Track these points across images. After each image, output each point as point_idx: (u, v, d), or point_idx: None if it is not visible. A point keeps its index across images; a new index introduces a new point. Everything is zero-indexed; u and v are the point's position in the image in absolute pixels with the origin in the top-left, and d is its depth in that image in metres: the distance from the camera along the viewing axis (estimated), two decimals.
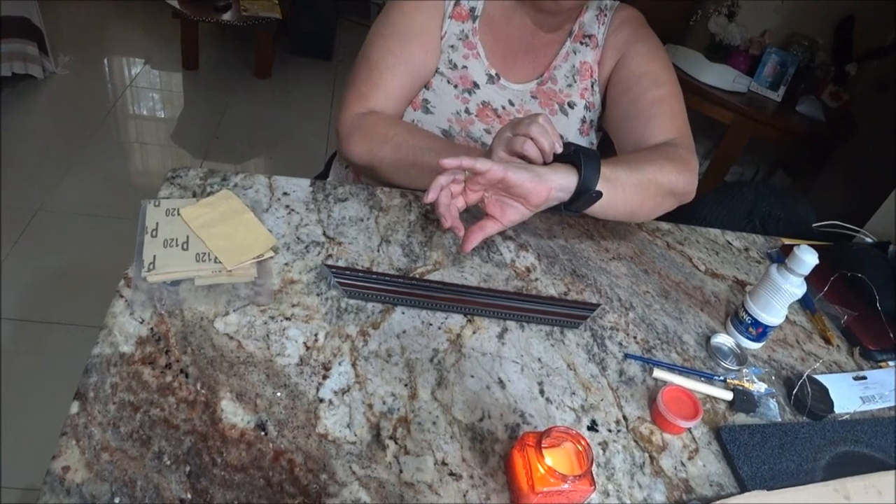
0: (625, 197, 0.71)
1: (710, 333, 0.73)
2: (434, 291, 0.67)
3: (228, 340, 0.58)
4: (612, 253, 0.83)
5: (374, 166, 0.82)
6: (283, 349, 0.59)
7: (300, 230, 0.73)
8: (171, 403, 0.52)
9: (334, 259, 0.70)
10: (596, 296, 0.74)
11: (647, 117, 0.82)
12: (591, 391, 0.62)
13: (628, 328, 0.71)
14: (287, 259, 0.68)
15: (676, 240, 0.89)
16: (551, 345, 0.66)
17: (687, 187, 0.78)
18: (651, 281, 0.79)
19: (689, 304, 0.77)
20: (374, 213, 0.78)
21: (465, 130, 0.87)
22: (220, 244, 0.66)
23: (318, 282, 0.66)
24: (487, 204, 0.67)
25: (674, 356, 0.69)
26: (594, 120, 0.92)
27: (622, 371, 0.66)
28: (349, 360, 0.59)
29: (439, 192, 0.64)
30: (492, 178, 0.63)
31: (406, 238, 0.76)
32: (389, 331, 0.63)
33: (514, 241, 0.80)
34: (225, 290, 0.63)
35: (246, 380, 0.55)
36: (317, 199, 0.78)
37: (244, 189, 0.76)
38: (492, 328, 0.66)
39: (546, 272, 0.76)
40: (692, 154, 0.81)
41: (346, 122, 0.83)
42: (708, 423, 0.62)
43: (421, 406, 0.57)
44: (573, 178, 0.65)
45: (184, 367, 0.55)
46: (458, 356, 0.62)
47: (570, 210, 0.69)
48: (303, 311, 0.63)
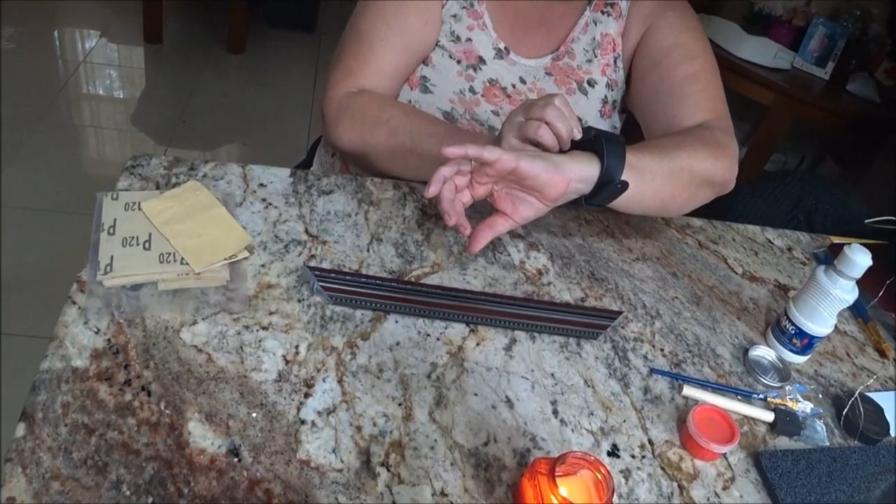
0: (654, 188, 0.71)
1: (747, 345, 0.73)
2: (432, 297, 0.67)
3: (196, 353, 0.58)
4: (635, 253, 0.82)
5: (366, 154, 0.82)
6: (260, 363, 0.58)
7: (279, 227, 0.73)
8: (130, 425, 0.52)
9: (318, 260, 0.70)
10: (617, 302, 0.74)
11: (678, 96, 0.82)
12: (612, 411, 0.62)
13: (654, 339, 0.71)
14: (264, 260, 0.68)
15: (709, 238, 0.89)
16: (566, 358, 0.66)
17: (725, 175, 0.78)
18: (680, 285, 0.79)
19: (723, 312, 0.77)
20: (364, 208, 0.78)
21: (470, 112, 0.87)
22: (188, 243, 0.66)
23: (299, 286, 0.66)
24: (497, 198, 0.67)
25: (706, 371, 0.69)
26: (617, 100, 0.92)
27: (647, 388, 0.66)
28: (335, 375, 0.59)
29: (442, 185, 0.63)
30: (502, 168, 0.63)
31: (400, 236, 0.75)
32: (381, 342, 0.63)
33: (523, 239, 0.80)
34: (192, 295, 0.62)
35: (217, 398, 0.55)
36: (298, 191, 0.78)
37: (215, 180, 0.76)
38: (498, 339, 0.66)
39: (560, 275, 0.76)
40: (731, 137, 0.81)
41: (332, 104, 0.83)
42: (746, 448, 0.62)
43: (417, 428, 0.57)
44: (595, 167, 0.65)
45: (145, 383, 0.55)
46: (459, 371, 0.62)
47: (592, 204, 0.69)
48: (282, 319, 0.63)
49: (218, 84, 2.57)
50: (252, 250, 0.69)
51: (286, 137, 2.36)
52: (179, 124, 2.30)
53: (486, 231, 0.67)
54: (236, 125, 2.38)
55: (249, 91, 2.58)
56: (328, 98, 0.83)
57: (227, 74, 2.65)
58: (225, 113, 2.42)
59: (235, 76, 2.66)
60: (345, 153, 0.90)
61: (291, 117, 2.47)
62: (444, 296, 0.68)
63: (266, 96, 2.56)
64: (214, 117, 2.38)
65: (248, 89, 2.60)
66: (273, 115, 2.47)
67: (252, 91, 2.58)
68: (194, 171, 0.77)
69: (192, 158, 0.78)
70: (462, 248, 0.76)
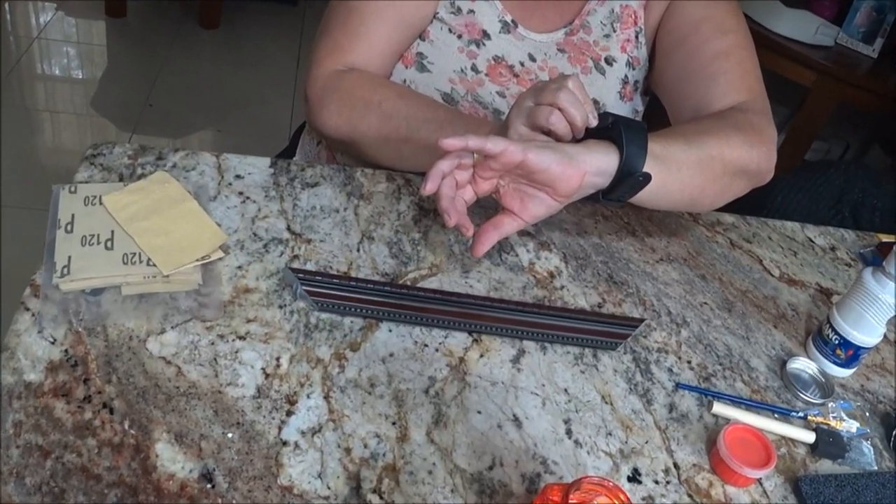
0: (681, 180, 0.71)
1: (785, 357, 0.73)
2: (430, 303, 0.67)
3: (165, 366, 0.58)
4: (659, 253, 0.82)
5: (355, 141, 0.82)
6: (236, 377, 0.58)
7: (258, 224, 0.73)
8: (91, 447, 0.52)
9: (302, 261, 0.70)
10: (639, 308, 0.74)
11: (708, 75, 0.82)
12: (633, 431, 0.62)
13: (680, 350, 0.71)
14: (241, 261, 0.68)
15: (743, 236, 0.89)
16: (581, 371, 0.66)
17: (762, 165, 0.78)
18: (710, 289, 0.79)
19: (758, 320, 0.77)
20: (354, 202, 0.78)
21: (473, 94, 0.87)
22: (155, 242, 0.66)
23: (280, 290, 0.66)
24: (503, 195, 0.67)
25: (739, 386, 0.69)
26: (639, 80, 0.92)
27: (673, 405, 0.66)
28: (321, 391, 0.59)
29: (440, 181, 0.63)
30: (508, 161, 0.63)
31: (394, 234, 0.76)
32: (373, 353, 0.63)
33: (533, 238, 0.80)
34: (160, 301, 0.62)
35: (188, 417, 0.55)
36: (279, 183, 0.78)
37: (186, 171, 0.76)
38: (504, 350, 0.66)
39: (574, 278, 0.76)
40: (768, 121, 0.81)
41: (317, 84, 0.83)
42: (783, 473, 0.62)
43: (413, 450, 0.57)
44: (613, 157, 0.65)
45: (107, 400, 0.55)
46: (461, 386, 0.62)
47: (610, 200, 0.69)
48: (261, 328, 0.63)
49: (189, 63, 2.57)
50: (227, 250, 0.69)
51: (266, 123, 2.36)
52: (146, 108, 2.30)
53: (491, 232, 0.67)
54: (210, 109, 2.38)
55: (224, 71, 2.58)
56: (312, 78, 0.83)
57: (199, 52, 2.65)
58: (197, 95, 2.42)
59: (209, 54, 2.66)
60: (331, 140, 0.89)
61: (272, 100, 2.47)
62: (444, 301, 0.68)
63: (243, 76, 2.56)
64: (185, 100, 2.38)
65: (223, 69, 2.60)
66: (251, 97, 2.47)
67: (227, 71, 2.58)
68: (162, 161, 0.77)
69: (159, 146, 0.78)
70: (464, 248, 0.76)
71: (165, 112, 2.31)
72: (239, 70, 2.59)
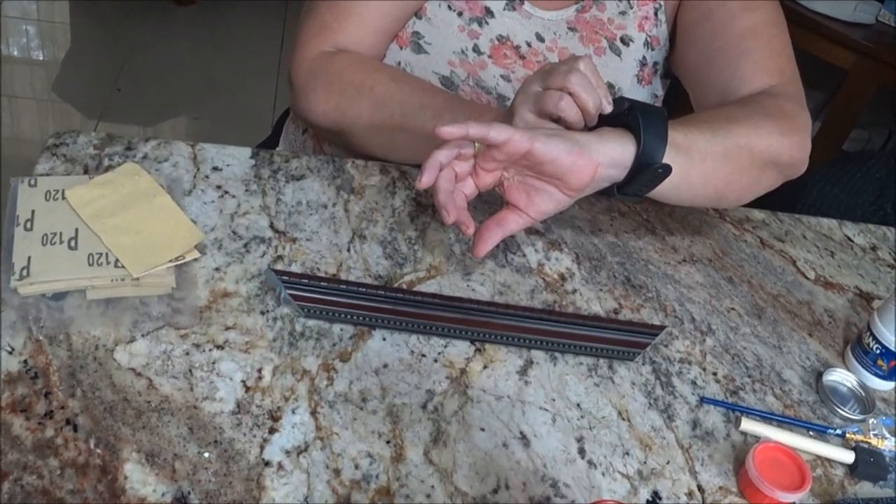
0: (705, 172, 0.71)
1: (821, 368, 0.73)
2: (428, 308, 0.67)
3: (135, 378, 0.58)
4: (682, 253, 0.82)
5: (344, 130, 0.82)
6: (213, 391, 0.58)
7: (238, 221, 0.73)
8: (52, 468, 0.52)
9: (286, 262, 0.70)
10: (659, 315, 0.75)
11: (735, 55, 0.82)
12: (653, 450, 0.62)
13: (705, 361, 0.71)
14: (219, 262, 0.68)
15: (774, 234, 0.89)
16: (595, 384, 0.66)
17: (794, 155, 0.78)
18: (738, 293, 0.79)
19: (791, 327, 0.77)
20: (344, 197, 0.78)
21: (474, 77, 0.87)
22: (123, 241, 0.65)
23: (262, 295, 0.66)
24: (508, 189, 0.67)
25: (770, 400, 0.69)
26: (659, 62, 0.92)
27: (697, 422, 0.66)
28: (307, 406, 0.59)
29: (438, 173, 0.63)
30: (514, 151, 0.63)
31: (388, 232, 0.75)
32: (365, 365, 0.63)
33: (542, 236, 0.80)
34: (130, 306, 0.62)
35: (160, 434, 0.55)
36: (261, 176, 0.78)
37: (158, 162, 0.76)
38: (511, 361, 0.66)
39: (588, 281, 0.76)
40: (802, 107, 0.81)
41: (302, 67, 0.82)
42: (819, 496, 0.62)
43: (410, 471, 0.57)
44: (629, 147, 0.65)
45: (71, 416, 0.55)
46: (462, 400, 0.62)
47: (626, 194, 0.69)
48: (241, 336, 0.63)
49: (161, 43, 2.57)
50: (204, 250, 0.69)
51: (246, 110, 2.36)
52: (113, 93, 2.30)
53: (494, 230, 0.67)
54: (184, 94, 2.38)
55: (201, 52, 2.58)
56: (297, 60, 0.83)
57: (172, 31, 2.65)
58: (170, 79, 2.42)
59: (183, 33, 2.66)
60: (318, 129, 0.89)
61: (253, 84, 2.47)
62: (444, 307, 0.68)
63: (221, 58, 2.56)
64: (157, 84, 2.38)
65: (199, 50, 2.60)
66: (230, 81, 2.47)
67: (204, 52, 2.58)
68: (132, 151, 0.77)
69: (129, 135, 0.78)
70: (465, 248, 0.76)
71: (135, 97, 2.31)
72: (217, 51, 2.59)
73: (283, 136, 1.05)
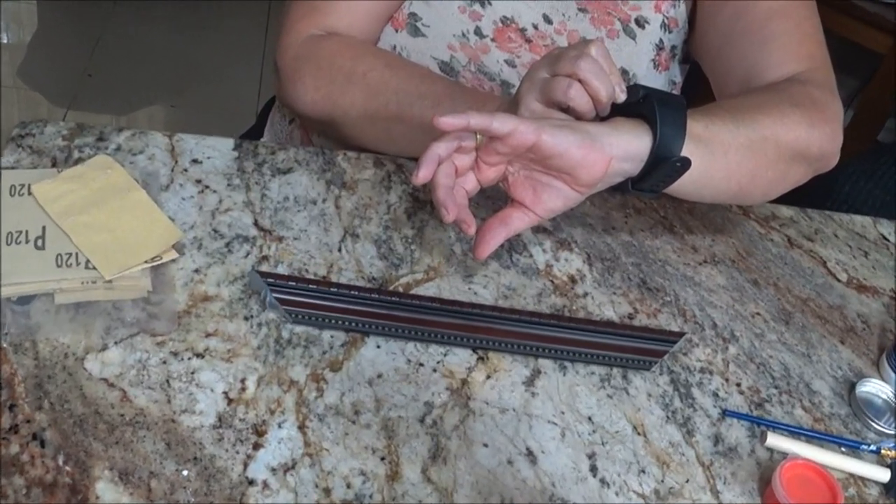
0: (727, 166, 0.71)
1: (854, 379, 0.73)
2: (426, 314, 0.67)
3: (107, 389, 0.58)
4: (702, 254, 0.82)
5: (335, 120, 0.82)
6: (193, 403, 0.58)
7: (219, 218, 0.72)
8: (17, 486, 0.52)
9: (272, 263, 0.70)
10: (678, 320, 0.74)
11: (760, 39, 0.82)
12: (671, 468, 0.62)
13: (728, 370, 0.71)
14: (199, 263, 0.68)
15: (803, 233, 0.89)
16: (608, 396, 0.66)
17: (825, 147, 0.78)
18: (764, 297, 0.79)
19: (822, 334, 0.77)
20: (335, 192, 0.78)
21: (476, 63, 0.87)
22: (95, 240, 0.65)
23: (246, 299, 0.66)
24: (512, 184, 0.67)
25: (799, 413, 0.69)
26: (677, 46, 0.92)
27: (719, 437, 0.65)
28: (295, 419, 0.59)
29: (436, 166, 0.63)
30: (518, 143, 0.62)
31: (383, 231, 0.75)
32: (357, 375, 0.63)
33: (550, 235, 0.80)
34: (102, 311, 0.62)
35: (134, 450, 0.55)
36: (245, 169, 0.78)
37: (132, 154, 0.76)
38: (516, 371, 0.66)
39: (601, 283, 0.76)
40: (833, 95, 0.81)
41: (289, 52, 0.82)
42: None
43: (406, 490, 0.57)
44: (644, 139, 0.65)
45: (38, 430, 0.55)
46: (463, 414, 0.62)
47: (642, 190, 0.68)
48: (223, 343, 0.63)
49: (136, 24, 2.57)
50: (182, 250, 0.68)
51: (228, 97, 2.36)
52: (84, 79, 2.30)
53: (497, 229, 0.67)
54: (161, 80, 2.37)
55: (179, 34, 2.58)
56: (284, 44, 0.83)
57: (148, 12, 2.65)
58: (146, 64, 2.42)
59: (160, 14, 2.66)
60: (307, 119, 0.89)
61: (235, 70, 2.46)
62: (443, 312, 0.68)
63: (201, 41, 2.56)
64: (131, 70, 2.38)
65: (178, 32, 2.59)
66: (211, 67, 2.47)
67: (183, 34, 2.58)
68: (104, 143, 0.76)
69: (101, 125, 0.78)
70: (467, 248, 0.76)
71: (108, 83, 2.30)
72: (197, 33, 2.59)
73: (268, 126, 1.05)
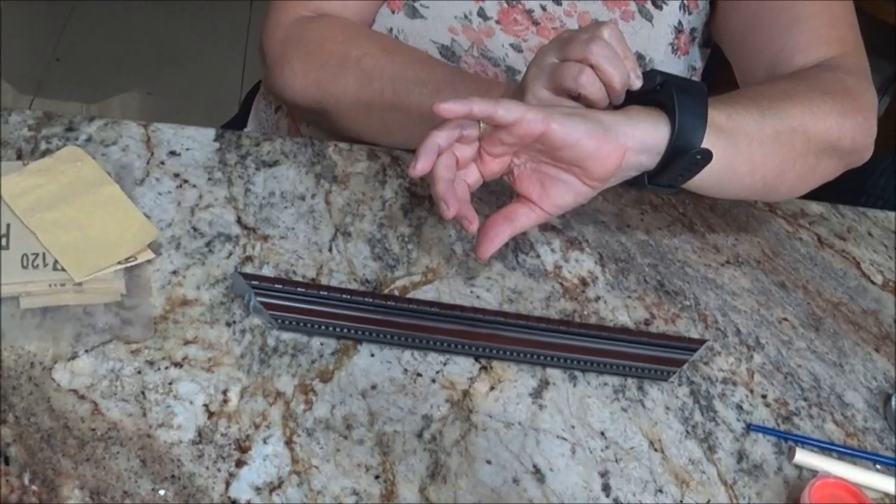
0: (752, 160, 0.71)
1: (890, 390, 0.73)
2: (424, 319, 0.67)
3: (77, 401, 0.58)
4: (724, 254, 0.82)
5: (326, 109, 0.82)
6: (170, 417, 0.58)
7: (199, 215, 0.72)
8: None
9: (257, 264, 0.70)
10: (698, 326, 0.74)
11: (787, 22, 0.83)
12: (691, 487, 0.62)
13: (753, 381, 0.71)
14: (177, 264, 0.68)
15: (834, 231, 0.89)
16: (623, 409, 0.66)
17: (857, 139, 0.78)
18: (792, 301, 0.79)
19: (855, 341, 0.77)
20: (325, 187, 0.78)
21: (479, 47, 0.87)
22: (64, 239, 0.65)
23: (228, 303, 0.66)
24: (518, 178, 0.67)
25: (830, 428, 0.69)
26: (697, 29, 0.92)
27: (743, 453, 0.65)
28: (281, 434, 0.59)
29: (435, 157, 0.63)
30: (525, 132, 0.62)
31: (377, 229, 0.75)
32: (349, 386, 0.63)
33: (559, 234, 0.80)
34: (72, 316, 0.62)
35: (106, 468, 0.55)
36: (227, 162, 0.78)
37: (104, 146, 0.76)
38: (522, 381, 0.66)
39: (614, 286, 0.76)
40: (866, 83, 0.81)
41: (277, 35, 0.83)
42: None
43: None
44: (662, 129, 0.65)
45: (2, 446, 0.54)
46: (465, 428, 0.62)
47: (659, 185, 0.68)
48: (203, 351, 0.62)
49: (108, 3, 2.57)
50: (159, 250, 0.68)
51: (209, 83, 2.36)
52: (52, 63, 2.30)
53: (502, 226, 0.66)
54: (136, 65, 2.37)
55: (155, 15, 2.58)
56: (271, 26, 0.83)
57: None
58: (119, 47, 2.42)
59: None
60: (295, 107, 0.89)
61: (217, 54, 2.47)
62: (443, 317, 0.68)
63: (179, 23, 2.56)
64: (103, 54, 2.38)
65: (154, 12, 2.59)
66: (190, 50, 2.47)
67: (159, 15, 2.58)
68: (74, 133, 0.76)
69: (70, 113, 0.78)
70: (469, 248, 0.76)
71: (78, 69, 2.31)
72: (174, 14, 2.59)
73: (252, 115, 1.05)
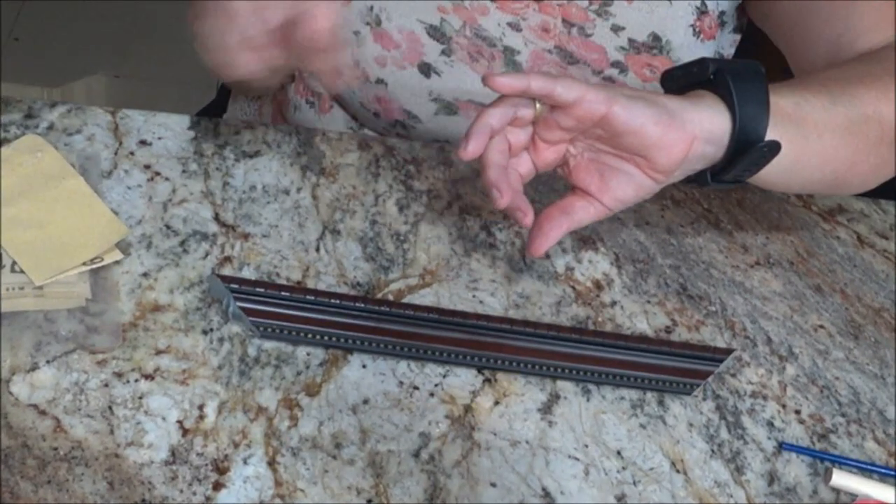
0: (823, 151, 0.70)
1: None
2: (422, 327, 0.67)
3: (38, 417, 0.58)
4: (753, 255, 0.82)
5: None
6: (140, 434, 0.58)
7: (172, 211, 0.73)
8: None
9: (236, 265, 0.70)
10: (725, 335, 0.75)
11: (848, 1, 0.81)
12: None
13: (785, 395, 0.71)
14: (148, 266, 0.68)
15: (875, 229, 0.89)
16: (641, 426, 0.66)
17: None
18: (828, 306, 0.79)
19: None
20: (311, 180, 0.78)
21: (472, 26, 0.86)
22: (22, 238, 0.65)
23: (204, 308, 0.66)
24: (575, 168, 0.66)
25: (870, 447, 0.69)
26: (727, 12, 0.91)
27: (774, 474, 0.66)
28: (263, 454, 0.59)
29: (487, 139, 0.61)
30: (586, 114, 0.61)
31: (370, 226, 0.76)
32: (339, 400, 0.63)
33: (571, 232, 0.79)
34: (31, 323, 0.62)
35: (70, 491, 0.55)
36: (203, 152, 0.78)
37: (68, 134, 0.76)
38: (530, 395, 0.67)
39: (632, 290, 0.76)
40: None
41: None
42: None
43: None
44: (725, 118, 0.64)
45: None
46: (467, 447, 0.62)
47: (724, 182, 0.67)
48: (177, 362, 0.63)
49: None
50: (128, 250, 0.69)
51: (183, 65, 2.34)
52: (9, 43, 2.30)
53: (559, 219, 0.65)
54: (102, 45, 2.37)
55: None
56: None
57: None
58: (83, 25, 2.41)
59: None
60: None
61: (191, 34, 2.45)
62: (442, 325, 0.68)
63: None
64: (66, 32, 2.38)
65: None
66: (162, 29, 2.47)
67: None
68: (33, 120, 0.77)
69: (29, 98, 0.78)
70: (469, 248, 0.76)
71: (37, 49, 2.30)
72: None
73: (231, 101, 1.05)
